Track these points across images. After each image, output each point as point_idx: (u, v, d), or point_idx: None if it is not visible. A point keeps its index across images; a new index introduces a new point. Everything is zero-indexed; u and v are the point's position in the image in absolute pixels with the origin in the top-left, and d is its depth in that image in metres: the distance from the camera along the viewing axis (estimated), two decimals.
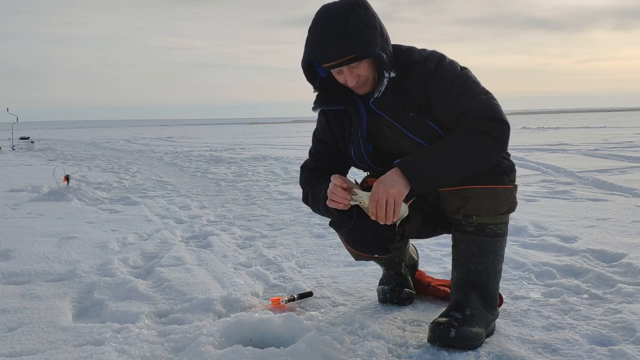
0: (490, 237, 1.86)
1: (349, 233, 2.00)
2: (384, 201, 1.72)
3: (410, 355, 1.75)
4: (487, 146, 1.74)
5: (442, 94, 1.81)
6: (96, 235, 3.58)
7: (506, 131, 1.78)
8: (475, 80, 1.86)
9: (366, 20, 1.77)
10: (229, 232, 3.74)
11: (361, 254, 2.04)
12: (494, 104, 1.79)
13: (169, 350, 1.80)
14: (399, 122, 1.87)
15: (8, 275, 2.69)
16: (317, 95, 1.96)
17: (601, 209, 4.09)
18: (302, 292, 2.34)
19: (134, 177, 7.69)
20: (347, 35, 1.73)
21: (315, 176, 2.05)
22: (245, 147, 15.15)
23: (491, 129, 1.74)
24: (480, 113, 1.76)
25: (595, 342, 1.78)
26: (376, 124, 1.93)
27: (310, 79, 1.93)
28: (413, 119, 1.85)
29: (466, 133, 1.74)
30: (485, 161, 1.77)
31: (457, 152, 1.73)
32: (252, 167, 8.78)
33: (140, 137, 26.36)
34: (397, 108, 1.86)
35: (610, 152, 8.93)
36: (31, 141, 17.06)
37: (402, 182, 1.72)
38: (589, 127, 21.62)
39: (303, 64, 1.87)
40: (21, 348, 1.85)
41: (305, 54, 1.83)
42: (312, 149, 2.14)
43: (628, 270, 2.50)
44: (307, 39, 1.81)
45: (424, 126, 1.85)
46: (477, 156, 1.75)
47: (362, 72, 1.81)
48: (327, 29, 1.75)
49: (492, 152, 1.76)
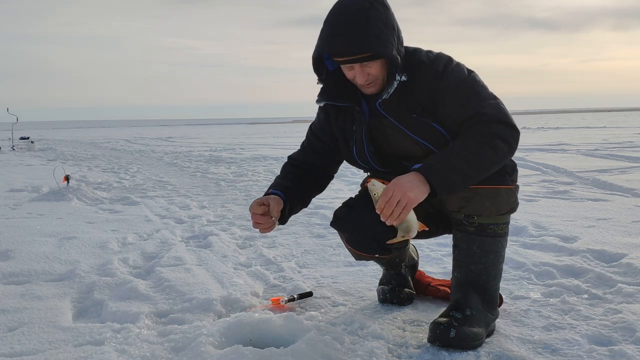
0: (492, 237, 1.86)
1: (350, 233, 2.00)
2: (396, 201, 1.64)
3: (410, 355, 1.75)
4: (501, 150, 1.72)
5: (449, 96, 1.79)
6: (96, 235, 3.58)
7: (518, 137, 1.77)
8: (483, 84, 1.84)
9: (386, 19, 1.75)
10: (229, 232, 3.74)
11: (362, 254, 2.04)
12: (503, 108, 1.78)
13: (169, 350, 1.80)
14: (403, 123, 1.86)
15: (8, 275, 2.69)
16: (322, 89, 1.93)
17: (601, 209, 4.09)
18: (302, 292, 2.34)
19: (134, 177, 7.69)
20: (367, 32, 1.71)
21: (289, 170, 2.10)
22: (245, 147, 15.15)
23: (503, 133, 1.72)
24: (494, 116, 1.74)
25: (595, 342, 1.78)
26: (378, 125, 1.92)
27: (317, 70, 1.90)
28: (417, 120, 1.84)
29: (481, 137, 1.71)
30: (498, 165, 1.76)
31: (476, 157, 1.69)
32: (252, 167, 8.78)
33: (140, 137, 26.36)
34: (401, 110, 1.85)
35: (610, 152, 8.94)
36: (31, 141, 17.05)
37: (422, 188, 1.65)
38: (589, 127, 21.62)
39: (315, 54, 1.83)
40: (21, 348, 1.85)
41: (319, 44, 1.79)
42: (305, 142, 2.13)
43: (628, 270, 2.50)
44: (323, 30, 1.78)
45: (428, 127, 1.84)
46: (493, 161, 1.72)
47: (373, 72, 1.79)
48: (346, 22, 1.72)
49: (505, 156, 1.75)
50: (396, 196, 1.63)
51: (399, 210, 1.64)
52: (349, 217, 1.98)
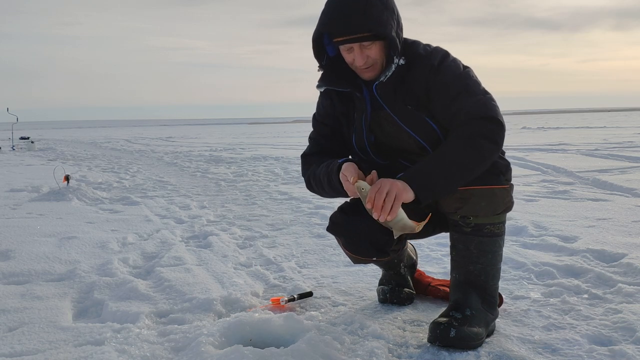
0: (489, 237, 1.86)
1: (346, 237, 2.00)
2: (385, 191, 1.65)
3: (410, 355, 1.75)
4: (486, 150, 1.73)
5: (441, 90, 1.81)
6: (96, 235, 3.58)
7: (502, 132, 1.77)
8: (476, 80, 1.86)
9: (386, 1, 1.77)
10: (229, 232, 3.74)
11: (359, 258, 2.04)
12: (491, 104, 1.79)
13: (169, 350, 1.80)
14: (398, 114, 1.87)
15: (8, 275, 2.69)
16: (323, 74, 1.93)
17: (601, 209, 4.09)
18: (302, 292, 2.34)
19: (134, 177, 7.69)
20: (366, 12, 1.73)
21: (315, 159, 2.01)
22: (245, 147, 15.15)
23: (488, 131, 1.74)
24: (480, 113, 1.75)
25: (596, 342, 1.78)
26: (376, 117, 1.93)
27: (317, 55, 1.90)
28: (411, 112, 1.85)
29: (464, 139, 1.73)
30: (484, 165, 1.77)
31: (459, 161, 1.72)
32: (252, 167, 8.78)
33: (140, 137, 26.36)
34: (397, 100, 1.87)
35: (610, 152, 8.93)
36: (31, 141, 17.05)
37: (408, 188, 1.68)
38: (589, 127, 21.61)
39: (315, 36, 1.84)
40: (21, 348, 1.85)
41: (319, 24, 1.81)
42: (313, 134, 2.10)
43: (628, 270, 2.50)
44: (323, 11, 1.80)
45: (422, 123, 1.85)
46: (478, 162, 1.74)
47: (372, 54, 1.80)
48: (346, 2, 1.74)
49: (491, 155, 1.76)
50: (385, 186, 1.65)
51: (390, 202, 1.64)
52: (346, 222, 1.98)
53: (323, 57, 1.91)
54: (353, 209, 1.99)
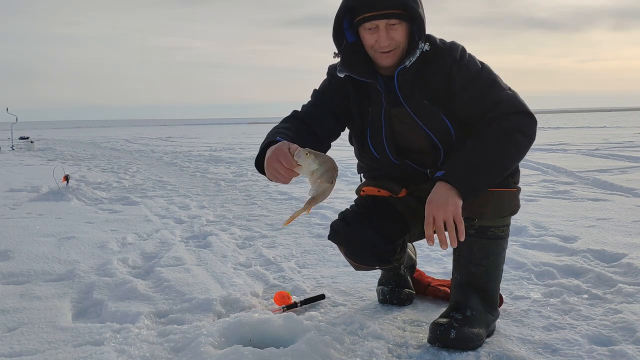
0: (492, 240, 1.85)
1: (348, 247, 1.98)
2: (442, 222, 1.60)
3: (410, 355, 1.75)
4: (522, 145, 1.72)
5: (469, 84, 1.78)
6: (96, 235, 3.58)
7: (535, 127, 1.76)
8: (497, 74, 1.84)
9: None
10: (229, 232, 3.73)
11: (361, 266, 2.03)
12: (521, 98, 1.78)
13: (169, 350, 1.80)
14: (414, 109, 1.83)
15: (8, 275, 2.68)
16: (342, 60, 1.86)
17: (601, 209, 4.08)
18: (312, 296, 2.29)
19: (133, 177, 7.68)
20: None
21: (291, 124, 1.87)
22: (245, 147, 15.13)
23: (524, 125, 1.72)
24: (512, 106, 1.74)
25: (596, 342, 1.78)
26: (388, 113, 1.89)
27: (336, 40, 1.85)
28: (427, 108, 1.82)
29: (502, 133, 1.70)
30: (519, 160, 1.75)
31: (499, 156, 1.69)
32: (252, 167, 8.77)
33: (140, 137, 26.34)
34: (414, 94, 1.83)
35: (610, 152, 8.93)
36: (31, 141, 17.03)
37: (454, 196, 1.63)
38: (589, 127, 21.60)
39: (339, 13, 1.79)
40: (21, 348, 1.85)
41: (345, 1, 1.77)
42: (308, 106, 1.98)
43: (628, 270, 2.50)
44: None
45: (437, 119, 1.82)
46: (515, 157, 1.73)
47: (397, 36, 1.76)
48: None
49: (526, 150, 1.75)
50: (440, 218, 1.61)
51: (452, 228, 1.61)
52: (348, 233, 1.96)
53: (342, 42, 1.85)
54: (355, 219, 1.97)
